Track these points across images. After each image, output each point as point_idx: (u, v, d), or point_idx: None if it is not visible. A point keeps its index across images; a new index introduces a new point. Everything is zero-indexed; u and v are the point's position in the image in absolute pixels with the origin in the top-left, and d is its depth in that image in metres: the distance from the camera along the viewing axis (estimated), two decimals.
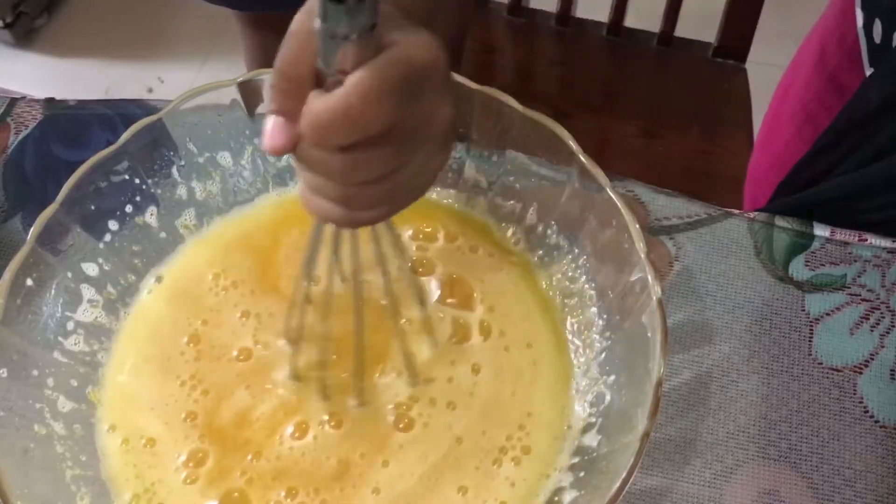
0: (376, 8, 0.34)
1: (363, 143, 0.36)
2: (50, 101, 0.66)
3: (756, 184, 0.83)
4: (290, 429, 0.49)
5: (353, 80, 0.35)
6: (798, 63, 0.77)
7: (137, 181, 0.53)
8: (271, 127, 0.37)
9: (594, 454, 0.46)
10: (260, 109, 0.54)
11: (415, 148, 0.39)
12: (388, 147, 0.37)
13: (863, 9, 0.62)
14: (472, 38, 1.12)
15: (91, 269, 0.51)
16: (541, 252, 0.55)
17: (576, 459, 0.47)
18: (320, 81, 0.37)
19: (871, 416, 0.53)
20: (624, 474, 0.41)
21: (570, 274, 0.53)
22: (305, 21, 0.36)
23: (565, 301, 0.53)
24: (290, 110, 0.37)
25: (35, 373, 0.47)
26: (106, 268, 0.52)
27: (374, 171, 0.38)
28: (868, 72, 0.62)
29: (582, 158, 0.49)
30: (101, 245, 0.52)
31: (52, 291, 0.49)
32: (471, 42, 1.11)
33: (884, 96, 0.58)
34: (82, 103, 0.66)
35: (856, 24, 0.63)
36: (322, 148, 0.37)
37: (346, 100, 0.35)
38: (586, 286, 0.52)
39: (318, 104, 0.35)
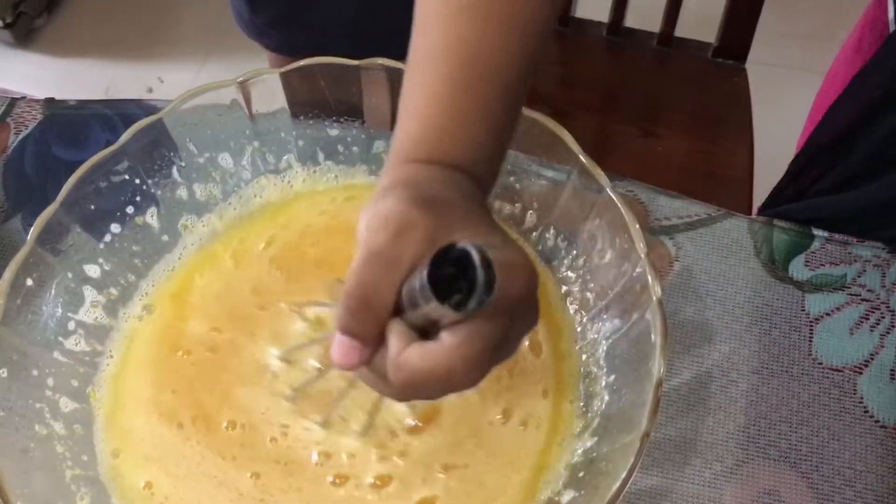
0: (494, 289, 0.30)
1: None
2: (50, 101, 0.66)
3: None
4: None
5: (456, 342, 0.32)
6: (843, 52, 0.77)
7: (137, 181, 0.53)
8: (343, 348, 0.35)
9: (594, 454, 0.46)
10: (259, 108, 0.54)
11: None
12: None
13: (893, 0, 0.62)
14: None
15: (92, 269, 0.51)
16: (541, 252, 0.55)
17: (575, 459, 0.47)
18: (397, 308, 0.34)
19: (871, 416, 0.53)
20: (624, 474, 0.41)
21: (569, 274, 0.53)
22: (389, 246, 0.33)
23: (566, 300, 0.53)
24: (361, 334, 0.34)
25: (35, 373, 0.47)
26: (106, 268, 0.52)
27: (436, 397, 0.36)
28: None
29: (582, 158, 0.49)
30: (102, 245, 0.52)
31: (53, 291, 0.49)
32: None
33: (887, 88, 0.57)
34: (82, 103, 0.66)
35: (887, 13, 0.63)
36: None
37: (448, 365, 0.32)
38: (586, 286, 0.52)
39: (416, 363, 0.33)
